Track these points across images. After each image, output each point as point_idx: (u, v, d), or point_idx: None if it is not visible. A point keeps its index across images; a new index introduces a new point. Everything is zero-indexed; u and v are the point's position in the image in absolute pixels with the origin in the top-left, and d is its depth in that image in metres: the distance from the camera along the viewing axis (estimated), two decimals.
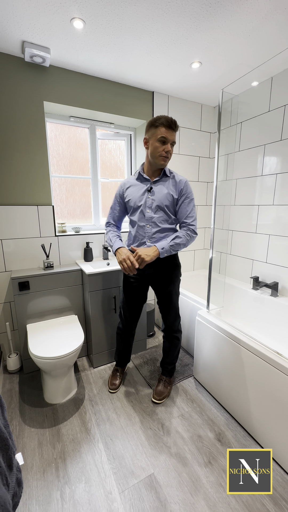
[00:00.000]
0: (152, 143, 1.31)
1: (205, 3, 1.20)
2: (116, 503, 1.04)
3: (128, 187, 1.45)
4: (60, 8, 1.22)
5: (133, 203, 1.42)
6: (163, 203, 1.37)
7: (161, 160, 1.33)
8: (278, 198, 1.87)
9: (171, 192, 1.38)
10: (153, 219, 1.39)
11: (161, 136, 1.27)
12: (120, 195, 1.48)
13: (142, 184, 1.42)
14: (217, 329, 1.49)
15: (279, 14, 1.27)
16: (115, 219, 1.54)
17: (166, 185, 1.39)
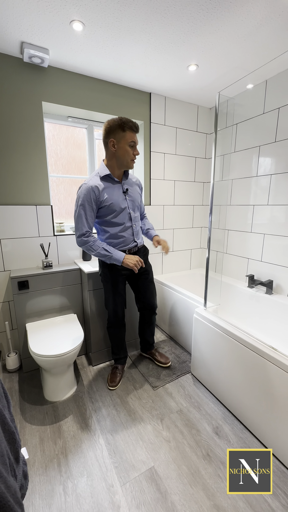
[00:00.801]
0: (122, 147, 1.38)
1: (202, 8, 1.23)
2: (118, 496, 1.07)
3: (102, 190, 1.40)
4: (60, 11, 1.24)
5: (116, 206, 1.44)
6: (138, 201, 1.59)
7: (132, 163, 1.45)
8: (272, 198, 1.91)
9: (138, 191, 1.61)
10: (136, 218, 1.57)
11: (131, 141, 1.38)
12: (95, 200, 1.38)
13: (114, 185, 1.46)
14: (214, 326, 1.53)
15: (274, 20, 1.31)
16: (92, 226, 1.43)
17: (133, 184, 1.57)
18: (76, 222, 1.42)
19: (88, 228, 1.41)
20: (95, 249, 1.41)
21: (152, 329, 1.91)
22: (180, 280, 2.48)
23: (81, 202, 1.37)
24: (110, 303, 1.64)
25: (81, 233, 1.40)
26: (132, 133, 1.37)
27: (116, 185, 1.47)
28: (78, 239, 1.42)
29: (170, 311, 2.23)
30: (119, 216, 1.47)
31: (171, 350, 2.10)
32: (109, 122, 1.37)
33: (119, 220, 1.47)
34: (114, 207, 1.44)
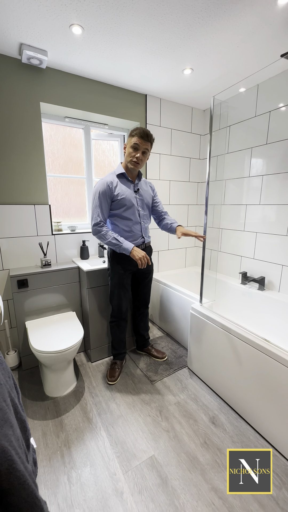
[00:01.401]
0: (127, 149, 1.54)
1: (198, 17, 1.28)
2: (120, 483, 1.12)
3: (116, 186, 1.54)
4: (60, 15, 1.27)
5: (127, 201, 1.56)
6: (149, 202, 1.70)
7: (131, 164, 1.54)
8: (264, 198, 1.99)
9: (150, 192, 1.72)
10: (145, 216, 1.67)
11: (134, 143, 1.49)
12: (109, 194, 1.52)
13: (127, 184, 1.60)
14: (210, 321, 1.60)
15: (265, 29, 1.38)
16: (105, 217, 1.56)
17: (145, 186, 1.69)
18: (92, 212, 1.56)
19: (102, 218, 1.54)
20: (107, 238, 1.52)
21: (146, 322, 2.01)
22: (175, 278, 2.54)
23: (97, 194, 1.53)
24: (115, 297, 1.70)
25: (95, 222, 1.53)
26: (138, 138, 1.48)
27: (129, 184, 1.61)
28: (93, 228, 1.55)
29: (166, 308, 2.29)
30: (129, 211, 1.58)
31: (167, 345, 2.16)
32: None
33: (129, 215, 1.59)
34: (125, 201, 1.56)
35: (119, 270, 1.65)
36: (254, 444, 1.29)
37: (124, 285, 1.69)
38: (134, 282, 1.83)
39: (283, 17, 1.29)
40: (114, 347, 1.84)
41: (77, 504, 1.04)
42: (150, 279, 1.87)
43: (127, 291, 1.74)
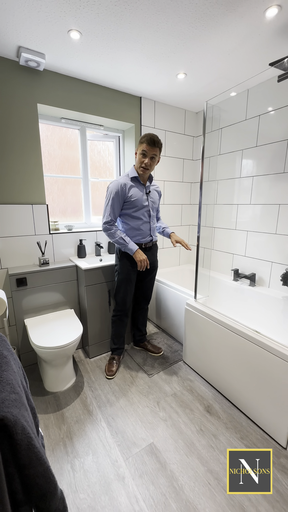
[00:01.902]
0: (138, 156, 1.64)
1: (192, 26, 1.35)
2: (122, 469, 1.18)
3: (129, 188, 1.66)
4: (59, 21, 1.31)
5: (139, 202, 1.67)
6: (157, 204, 1.84)
7: (140, 170, 1.65)
8: (254, 198, 2.09)
9: (158, 196, 1.85)
10: (153, 217, 1.80)
11: (143, 150, 1.59)
12: (122, 194, 1.63)
13: (139, 187, 1.71)
14: (204, 315, 1.67)
15: (254, 38, 1.46)
16: (116, 216, 1.67)
17: (154, 190, 1.81)
18: (104, 211, 1.67)
19: (113, 217, 1.65)
20: (115, 237, 1.64)
21: (145, 317, 2.10)
22: (170, 275, 2.61)
23: (110, 194, 1.63)
24: (121, 292, 1.78)
25: (106, 221, 1.65)
26: (146, 145, 1.57)
27: (141, 187, 1.72)
28: (104, 226, 1.66)
29: (161, 304, 2.36)
30: (139, 212, 1.70)
31: (163, 341, 2.23)
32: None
33: (139, 215, 1.70)
34: (137, 203, 1.67)
35: (128, 265, 1.73)
36: (246, 429, 1.37)
37: (131, 280, 1.78)
38: (138, 278, 1.90)
39: (271, 28, 1.38)
40: (113, 342, 1.89)
41: (81, 489, 1.10)
42: (154, 275, 1.96)
43: (133, 286, 1.83)
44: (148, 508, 1.03)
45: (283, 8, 1.23)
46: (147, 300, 2.03)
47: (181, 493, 1.08)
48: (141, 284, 1.94)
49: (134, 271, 1.77)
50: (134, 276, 1.80)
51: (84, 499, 1.06)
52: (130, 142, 2.33)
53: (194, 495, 1.08)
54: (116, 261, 1.80)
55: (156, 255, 1.90)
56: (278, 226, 1.93)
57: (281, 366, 1.22)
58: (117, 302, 1.83)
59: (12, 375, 0.67)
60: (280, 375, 1.23)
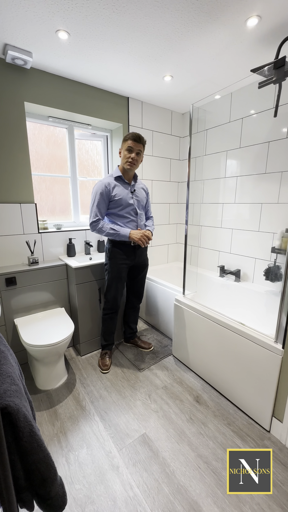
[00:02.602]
0: (123, 152, 1.69)
1: (177, 31, 1.40)
2: (116, 459, 1.22)
3: (113, 187, 1.69)
4: (46, 21, 1.32)
5: (124, 201, 1.69)
6: (144, 202, 1.85)
7: (127, 165, 1.68)
8: (238, 197, 2.18)
9: (144, 194, 1.86)
10: (141, 215, 1.81)
11: (128, 146, 1.64)
12: (107, 194, 1.67)
13: (124, 185, 1.72)
14: (192, 310, 1.74)
15: (237, 45, 1.53)
16: (103, 215, 1.70)
17: (140, 188, 1.83)
18: (90, 211, 1.70)
19: (100, 216, 1.68)
20: (105, 230, 1.66)
21: (136, 315, 2.13)
22: (159, 273, 2.67)
23: (95, 194, 1.67)
24: (112, 290, 1.80)
25: (93, 220, 1.68)
26: (131, 141, 1.63)
27: (126, 185, 1.75)
28: (91, 225, 1.69)
29: (151, 301, 2.41)
30: (125, 210, 1.73)
31: (153, 337, 2.29)
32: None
33: (125, 213, 1.73)
34: (121, 201, 1.70)
35: (119, 263, 1.75)
36: (233, 416, 1.45)
37: (122, 278, 1.81)
38: (129, 277, 1.93)
39: (252, 37, 1.45)
40: (105, 339, 1.93)
41: (77, 480, 1.13)
42: (145, 273, 1.98)
43: (124, 284, 1.86)
44: (142, 494, 1.08)
45: (262, 18, 1.31)
46: (139, 298, 2.07)
47: (173, 478, 1.14)
48: (133, 283, 1.97)
49: (125, 269, 1.80)
50: (125, 275, 1.83)
51: (80, 489, 1.09)
52: (118, 142, 2.36)
53: (185, 478, 1.14)
54: (106, 260, 1.82)
55: (146, 254, 1.93)
56: (261, 224, 2.03)
57: (264, 354, 1.31)
58: (108, 301, 1.85)
59: (11, 368, 0.70)
60: (263, 363, 1.32)
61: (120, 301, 1.90)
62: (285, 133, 1.79)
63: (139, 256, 1.83)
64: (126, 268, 1.81)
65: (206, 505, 1.04)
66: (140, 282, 1.99)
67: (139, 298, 2.06)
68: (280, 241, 1.83)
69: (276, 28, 1.38)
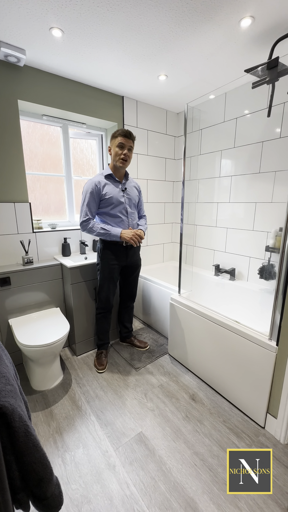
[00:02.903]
0: (113, 149, 1.66)
1: (172, 30, 1.40)
2: (112, 458, 1.22)
3: (104, 186, 1.67)
4: (40, 18, 1.30)
5: (115, 199, 1.67)
6: (135, 200, 1.83)
7: (120, 162, 1.65)
8: (233, 196, 2.20)
9: (136, 192, 1.84)
10: (132, 214, 1.79)
11: (119, 142, 1.62)
12: (97, 193, 1.65)
13: (115, 184, 1.71)
14: (188, 309, 1.75)
15: (230, 46, 1.54)
16: (93, 215, 1.68)
17: (132, 186, 1.81)
18: (80, 210, 1.68)
19: (90, 215, 1.65)
20: (96, 230, 1.64)
21: (130, 315, 2.13)
22: (154, 272, 2.67)
23: (85, 193, 1.65)
24: (104, 290, 1.79)
25: (83, 219, 1.65)
26: (122, 137, 1.62)
27: (117, 184, 1.73)
28: (82, 225, 1.66)
29: (147, 300, 2.41)
30: (116, 209, 1.70)
31: (149, 336, 2.29)
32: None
33: (116, 212, 1.70)
34: (113, 200, 1.68)
35: (110, 263, 1.74)
36: (228, 413, 1.47)
37: (114, 279, 1.80)
38: (121, 276, 1.92)
39: (245, 37, 1.47)
40: (99, 338, 1.92)
41: (73, 480, 1.13)
42: (138, 273, 1.98)
43: (116, 284, 1.85)
44: (138, 492, 1.08)
45: (256, 19, 1.32)
46: (133, 298, 2.07)
47: (169, 475, 1.15)
48: (126, 283, 1.97)
49: (117, 269, 1.80)
50: (117, 275, 1.82)
51: (76, 489, 1.09)
52: None
53: (181, 476, 1.14)
54: (98, 260, 1.81)
55: (139, 254, 1.92)
56: (255, 223, 2.05)
57: (258, 352, 1.33)
58: (101, 300, 1.84)
59: (5, 369, 0.69)
60: (258, 360, 1.34)
61: (113, 300, 1.89)
62: (278, 133, 1.81)
63: (131, 256, 1.83)
64: (118, 269, 1.80)
65: (203, 501, 1.05)
66: (133, 282, 1.98)
67: (132, 297, 2.06)
68: (274, 240, 1.85)
69: (269, 29, 1.39)
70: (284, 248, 1.18)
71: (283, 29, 1.39)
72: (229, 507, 1.03)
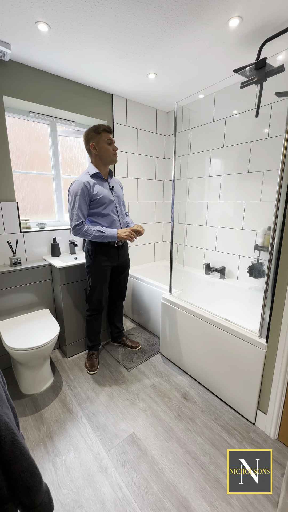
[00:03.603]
0: (102, 146, 1.60)
1: (161, 28, 1.39)
2: (104, 460, 1.21)
3: (93, 185, 1.61)
4: (25, 11, 1.26)
5: (106, 199, 1.64)
6: (122, 198, 1.81)
7: (115, 157, 1.65)
8: (222, 195, 2.22)
9: (120, 189, 1.82)
10: (122, 212, 1.77)
11: (108, 139, 1.59)
12: (88, 194, 1.57)
13: (103, 182, 1.68)
14: (179, 308, 1.75)
15: (219, 45, 1.55)
16: (85, 217, 1.61)
17: (116, 183, 1.79)
18: (71, 214, 1.59)
19: (83, 218, 1.58)
20: (91, 233, 1.57)
21: (121, 314, 2.11)
22: (145, 271, 2.67)
23: (74, 195, 1.56)
24: (96, 292, 1.76)
25: (76, 223, 1.57)
26: (106, 133, 1.58)
27: (104, 182, 1.68)
28: (74, 229, 1.58)
29: (138, 300, 2.40)
30: (107, 208, 1.66)
31: (140, 335, 2.28)
32: (85, 131, 1.62)
33: (108, 212, 1.66)
34: (104, 199, 1.63)
35: (103, 265, 1.71)
36: (219, 410, 1.48)
37: (106, 280, 1.77)
38: (112, 277, 1.90)
39: (234, 37, 1.47)
40: (91, 340, 1.90)
41: (64, 485, 1.11)
42: (127, 273, 1.96)
43: (107, 285, 1.83)
44: (131, 494, 1.07)
45: (244, 19, 1.33)
46: (122, 297, 2.05)
47: (162, 476, 1.14)
48: (116, 283, 1.95)
49: (109, 270, 1.77)
50: (108, 275, 1.79)
51: (68, 494, 1.07)
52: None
53: (174, 475, 1.14)
54: (88, 262, 1.75)
55: (128, 253, 1.90)
56: (244, 222, 2.08)
57: (248, 349, 1.34)
58: (92, 302, 1.81)
59: None
60: (248, 357, 1.35)
61: (104, 302, 1.87)
62: (266, 134, 1.84)
63: (122, 256, 1.81)
64: (110, 269, 1.78)
65: (195, 500, 1.05)
66: (123, 281, 1.96)
67: (122, 297, 2.04)
68: (262, 239, 1.88)
69: (257, 29, 1.41)
70: (273, 247, 1.20)
71: (270, 30, 1.40)
72: (221, 504, 1.04)
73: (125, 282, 1.99)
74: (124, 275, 1.94)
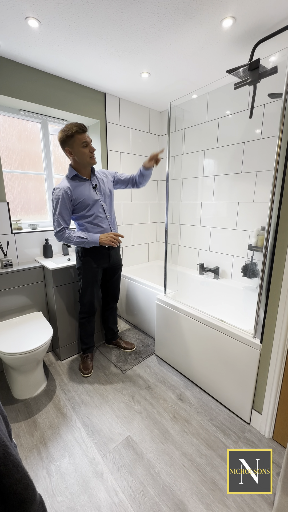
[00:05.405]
0: (77, 150, 1.51)
1: (154, 27, 1.37)
2: (100, 465, 1.19)
3: (73, 189, 1.56)
4: (14, 5, 1.22)
5: (90, 200, 1.59)
6: (108, 192, 1.71)
7: (92, 160, 1.57)
8: (216, 196, 2.22)
9: (107, 180, 1.73)
10: (109, 210, 1.70)
11: (83, 141, 1.50)
12: (68, 199, 1.53)
13: (84, 183, 1.62)
14: (174, 309, 1.75)
15: (212, 45, 1.54)
16: (68, 223, 1.57)
17: (101, 178, 1.70)
18: (53, 221, 1.55)
19: (65, 224, 1.55)
20: (72, 239, 1.54)
21: (115, 316, 2.08)
22: (139, 272, 2.65)
23: (56, 203, 1.52)
24: (88, 294, 1.73)
25: (58, 230, 1.54)
26: (80, 135, 1.48)
27: (86, 183, 1.62)
28: (57, 236, 1.55)
29: (132, 301, 2.39)
30: (93, 209, 1.61)
31: (135, 337, 2.27)
32: (58, 136, 1.53)
33: (95, 211, 1.62)
34: (88, 201, 1.59)
35: (93, 267, 1.68)
36: (215, 411, 1.48)
37: (97, 282, 1.75)
38: (104, 278, 1.87)
39: (227, 38, 1.47)
40: (84, 342, 1.87)
41: (59, 492, 1.08)
42: (120, 274, 1.93)
43: (99, 286, 1.80)
44: (127, 498, 1.06)
45: (237, 20, 1.32)
46: (116, 299, 2.02)
47: (158, 479, 1.13)
48: (108, 284, 1.92)
49: (100, 272, 1.74)
50: (100, 277, 1.76)
51: (63, 501, 1.05)
52: (95, 139, 2.29)
53: (170, 478, 1.14)
54: (78, 263, 1.72)
55: (119, 253, 1.87)
56: (237, 222, 2.09)
57: (243, 349, 1.35)
58: (84, 305, 1.78)
59: None
60: (242, 358, 1.36)
61: (97, 304, 1.84)
62: (259, 134, 1.85)
63: (114, 257, 1.77)
64: (101, 271, 1.76)
65: (192, 502, 1.05)
66: (115, 283, 1.93)
67: (115, 298, 2.01)
68: (256, 239, 1.89)
69: (250, 30, 1.41)
70: (267, 247, 1.20)
71: (263, 31, 1.41)
72: (218, 505, 1.04)
73: (118, 283, 1.96)
74: (117, 277, 1.92)
